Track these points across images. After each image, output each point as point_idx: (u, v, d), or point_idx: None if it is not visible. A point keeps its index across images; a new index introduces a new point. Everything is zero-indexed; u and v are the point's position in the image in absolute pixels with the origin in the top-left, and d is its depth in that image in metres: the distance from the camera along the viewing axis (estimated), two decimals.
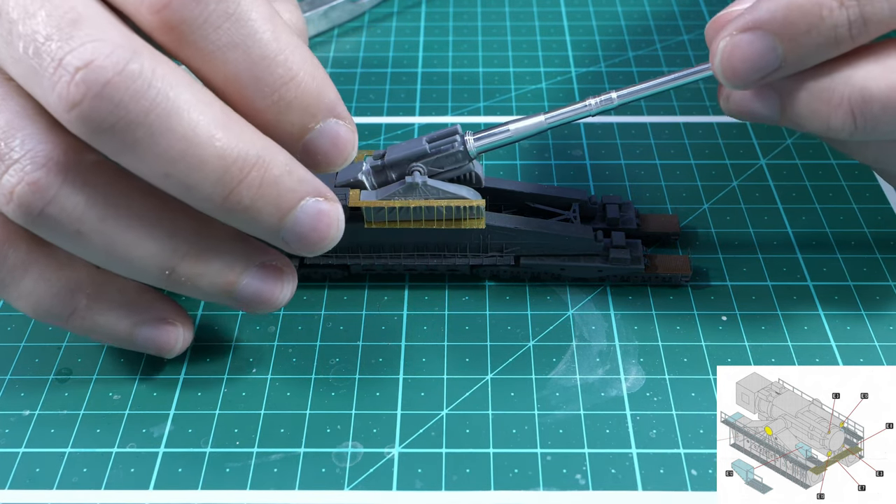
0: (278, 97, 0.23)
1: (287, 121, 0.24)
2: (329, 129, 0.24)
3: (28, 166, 0.23)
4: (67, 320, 0.26)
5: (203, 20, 0.23)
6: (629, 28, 0.47)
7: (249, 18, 0.23)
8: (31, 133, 0.23)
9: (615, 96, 0.28)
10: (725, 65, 0.25)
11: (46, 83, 0.21)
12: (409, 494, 0.26)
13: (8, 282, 0.26)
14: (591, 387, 0.28)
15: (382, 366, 0.29)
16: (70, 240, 0.24)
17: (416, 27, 0.47)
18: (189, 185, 0.23)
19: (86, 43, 0.21)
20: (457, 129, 0.30)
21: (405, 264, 0.31)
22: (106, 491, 0.26)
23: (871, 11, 0.23)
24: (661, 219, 0.33)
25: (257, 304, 0.26)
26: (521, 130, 0.29)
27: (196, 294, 0.26)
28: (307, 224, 0.24)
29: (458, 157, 0.29)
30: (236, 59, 0.23)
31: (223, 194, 0.23)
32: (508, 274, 0.32)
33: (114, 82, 0.21)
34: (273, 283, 0.26)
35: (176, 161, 0.22)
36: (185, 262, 0.25)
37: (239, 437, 0.27)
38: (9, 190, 0.23)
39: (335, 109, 0.24)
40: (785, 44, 0.24)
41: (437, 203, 0.29)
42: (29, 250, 0.25)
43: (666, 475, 0.26)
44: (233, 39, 0.23)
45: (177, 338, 0.28)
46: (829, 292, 0.31)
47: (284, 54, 0.23)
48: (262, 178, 0.23)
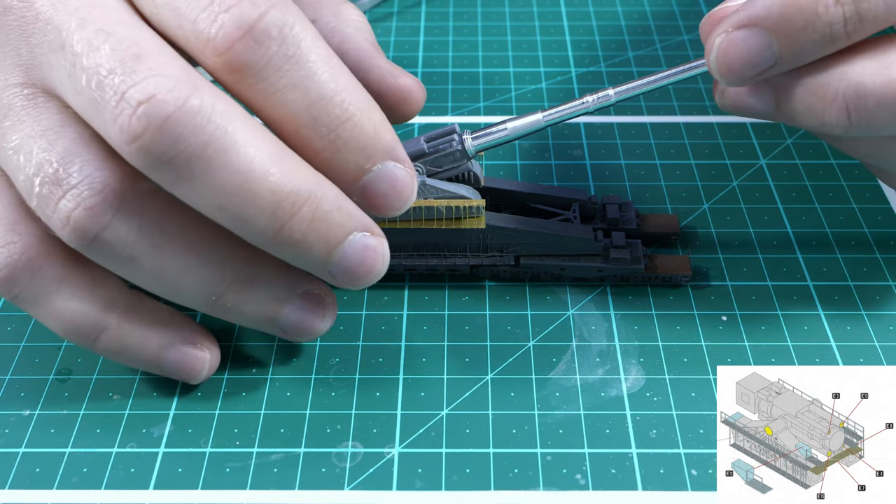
0: (335, 136, 0.24)
1: (343, 159, 0.24)
2: (387, 172, 0.25)
3: (85, 192, 0.23)
4: (97, 340, 0.26)
5: (265, 63, 0.23)
6: (629, 28, 0.47)
7: (308, 60, 0.23)
8: (88, 160, 0.23)
9: (612, 93, 0.28)
10: (720, 61, 0.25)
11: (108, 115, 0.22)
12: (409, 494, 0.26)
13: (40, 297, 0.26)
14: (591, 387, 0.28)
15: (382, 366, 0.29)
16: (122, 265, 0.24)
17: (416, 27, 0.47)
18: (243, 219, 0.23)
19: (148, 77, 0.22)
20: (454, 128, 0.30)
21: (405, 264, 0.31)
22: (106, 491, 0.26)
23: (867, 8, 0.23)
24: (661, 219, 0.33)
25: (299, 332, 0.27)
26: (518, 129, 0.29)
27: (239, 320, 0.27)
28: (354, 259, 0.24)
29: (457, 156, 0.29)
30: (295, 100, 0.23)
31: (275, 228, 0.23)
32: (508, 274, 0.32)
33: (175, 116, 0.21)
34: (315, 312, 0.27)
35: (231, 194, 0.23)
36: (232, 290, 0.26)
37: (239, 437, 0.27)
38: (66, 215, 0.23)
39: (393, 152, 0.25)
40: (780, 40, 0.24)
41: (436, 203, 0.29)
42: (65, 266, 0.26)
43: (666, 475, 0.26)
44: (292, 81, 0.23)
45: (203, 363, 0.28)
46: (829, 292, 0.31)
47: (341, 95, 0.24)
48: (314, 213, 0.23)
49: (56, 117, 0.24)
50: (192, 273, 0.25)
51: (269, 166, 0.23)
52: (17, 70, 0.24)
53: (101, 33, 0.22)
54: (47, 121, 0.24)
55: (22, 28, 0.24)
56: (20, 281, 0.25)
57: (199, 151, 0.22)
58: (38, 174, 0.23)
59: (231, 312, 0.26)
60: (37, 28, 0.24)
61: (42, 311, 0.26)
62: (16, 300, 0.26)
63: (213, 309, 0.26)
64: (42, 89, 0.24)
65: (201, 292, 0.25)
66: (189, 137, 0.22)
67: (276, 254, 0.24)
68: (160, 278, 0.25)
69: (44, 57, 0.24)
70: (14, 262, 0.25)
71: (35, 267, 0.25)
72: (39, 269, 0.25)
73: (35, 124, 0.24)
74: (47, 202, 0.23)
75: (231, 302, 0.26)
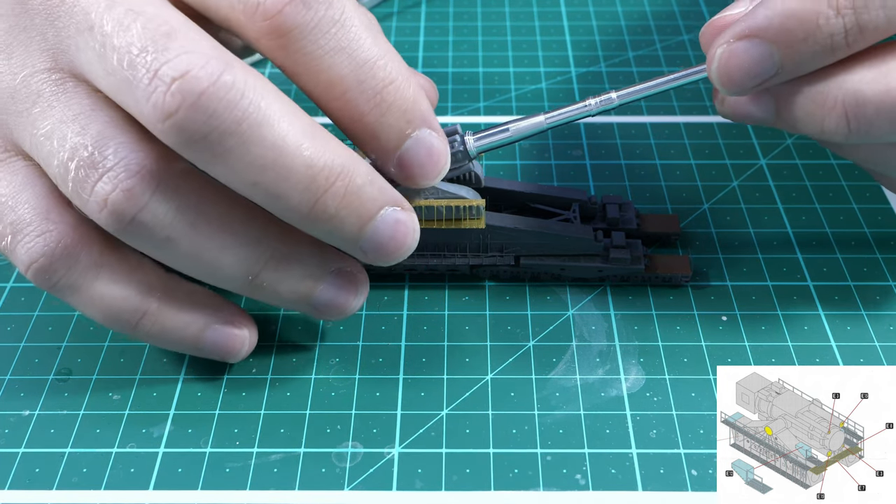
0: (380, 99, 0.24)
1: (386, 123, 0.25)
2: (424, 139, 0.25)
3: (122, 174, 0.23)
4: (137, 325, 0.27)
5: (313, 25, 0.23)
6: (629, 28, 0.47)
7: (353, 24, 0.24)
8: (123, 142, 0.23)
9: (615, 96, 0.28)
10: (722, 72, 0.25)
11: (140, 94, 0.22)
12: (409, 494, 0.26)
13: (79, 285, 0.26)
14: (591, 387, 0.28)
15: (382, 366, 0.29)
16: (160, 247, 0.25)
17: (416, 27, 0.47)
18: (277, 194, 0.23)
19: (181, 54, 0.22)
20: (456, 128, 0.30)
21: (405, 264, 0.31)
22: (106, 491, 0.26)
23: (868, 19, 0.23)
24: (661, 219, 0.33)
25: (332, 309, 0.28)
26: (520, 130, 0.29)
27: (274, 300, 0.27)
28: (385, 233, 0.25)
29: (458, 156, 0.29)
30: (341, 63, 0.24)
31: (310, 203, 0.23)
32: (508, 274, 0.32)
33: (209, 92, 0.22)
34: (348, 289, 0.27)
35: (266, 170, 0.23)
36: (268, 268, 0.26)
37: (239, 437, 0.27)
38: (103, 198, 0.23)
39: (428, 119, 0.25)
40: (782, 51, 0.24)
41: (437, 203, 0.29)
42: (101, 252, 0.26)
43: (666, 475, 0.26)
44: (339, 44, 0.24)
45: (242, 341, 0.28)
46: (829, 292, 0.31)
47: (385, 59, 0.24)
48: (347, 187, 0.24)
49: (87, 101, 0.24)
50: (228, 252, 0.25)
51: (303, 141, 0.23)
52: (44, 55, 0.24)
53: (130, 13, 0.22)
54: (78, 105, 0.24)
55: (47, 12, 0.24)
56: (58, 270, 0.25)
57: (234, 127, 0.22)
58: (72, 158, 0.23)
59: (267, 292, 0.26)
60: (63, 10, 0.24)
61: (81, 298, 0.26)
62: (54, 289, 0.26)
63: (250, 289, 0.26)
64: (70, 73, 0.24)
65: (238, 272, 0.26)
66: (223, 113, 0.22)
67: (310, 230, 0.24)
68: (197, 259, 0.25)
69: (71, 40, 0.24)
70: (51, 251, 0.25)
71: (72, 255, 0.25)
72: (77, 256, 0.25)
73: (66, 109, 0.24)
74: (83, 186, 0.23)
75: (267, 281, 0.26)
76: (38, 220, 0.25)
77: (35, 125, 0.24)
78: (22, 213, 0.25)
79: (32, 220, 0.25)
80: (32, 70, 0.24)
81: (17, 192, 0.25)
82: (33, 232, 0.25)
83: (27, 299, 0.32)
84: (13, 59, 0.25)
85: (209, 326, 0.27)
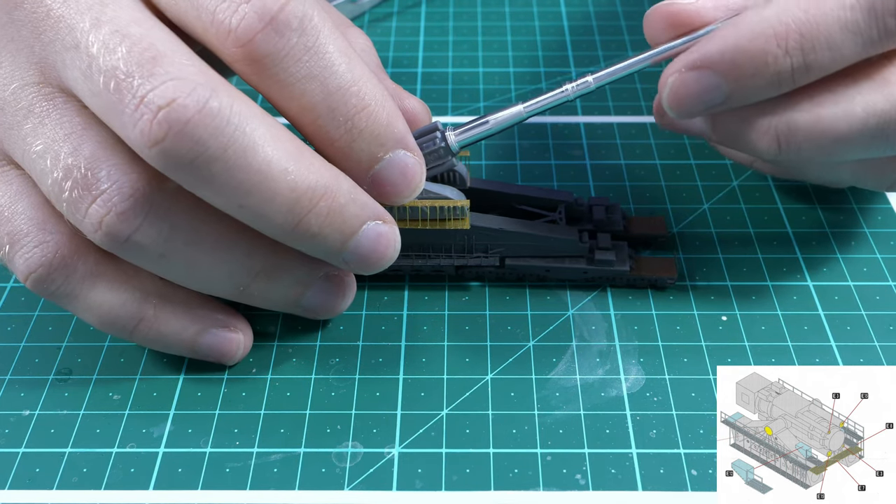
0: (351, 125, 0.25)
1: (358, 148, 0.25)
2: (398, 160, 0.26)
3: (115, 197, 0.23)
4: (134, 330, 0.27)
5: (285, 54, 0.23)
6: (629, 28, 0.47)
7: (327, 51, 0.24)
8: (115, 164, 0.24)
9: (591, 80, 0.28)
10: (672, 98, 0.26)
11: (127, 119, 0.22)
12: (409, 494, 0.26)
13: (77, 293, 0.26)
14: (591, 387, 0.28)
15: (382, 366, 0.29)
16: (153, 262, 0.25)
17: (416, 27, 0.47)
18: (262, 215, 0.24)
19: (167, 81, 0.22)
20: (437, 125, 0.29)
21: (390, 265, 0.31)
22: (106, 491, 0.26)
23: (814, 59, 0.24)
24: (647, 221, 0.33)
25: (321, 311, 0.29)
26: (500, 121, 0.29)
27: (265, 305, 0.28)
28: (367, 247, 0.25)
29: (440, 153, 0.28)
30: (313, 90, 0.24)
31: (293, 223, 0.24)
32: (493, 275, 0.32)
33: (195, 120, 0.22)
34: (335, 293, 0.28)
35: (250, 193, 0.23)
36: (259, 279, 0.27)
37: (239, 437, 0.27)
38: (97, 220, 0.24)
39: (403, 140, 0.26)
40: (730, 84, 0.25)
41: (420, 203, 0.29)
42: (97, 262, 0.26)
43: (666, 475, 0.26)
44: (311, 71, 0.24)
45: (238, 344, 0.29)
46: (829, 292, 0.31)
47: (358, 85, 0.24)
48: (330, 206, 0.24)
49: (77, 119, 0.24)
50: (220, 267, 0.26)
51: (287, 164, 0.23)
52: (33, 68, 0.24)
53: (116, 35, 0.22)
54: (69, 124, 0.24)
55: (34, 24, 0.24)
56: (56, 279, 0.26)
57: (219, 153, 0.22)
58: (66, 179, 0.24)
59: (257, 299, 0.27)
60: (48, 25, 0.24)
61: (79, 306, 0.26)
62: (52, 297, 0.26)
63: (241, 297, 0.27)
64: (59, 88, 0.24)
65: (230, 284, 0.26)
66: (209, 140, 0.22)
67: (294, 245, 0.25)
68: (191, 273, 0.26)
69: (58, 56, 0.24)
70: (49, 261, 0.25)
71: (69, 264, 0.26)
72: (74, 266, 0.26)
73: (58, 127, 0.24)
74: (77, 207, 0.24)
75: (258, 291, 0.27)
76: (34, 230, 0.25)
77: (27, 142, 0.24)
78: (18, 224, 0.25)
79: (29, 230, 0.25)
80: (22, 83, 0.24)
81: (13, 203, 0.26)
82: (30, 242, 0.25)
83: (27, 299, 0.32)
84: (1, 70, 0.25)
85: (205, 331, 0.28)
